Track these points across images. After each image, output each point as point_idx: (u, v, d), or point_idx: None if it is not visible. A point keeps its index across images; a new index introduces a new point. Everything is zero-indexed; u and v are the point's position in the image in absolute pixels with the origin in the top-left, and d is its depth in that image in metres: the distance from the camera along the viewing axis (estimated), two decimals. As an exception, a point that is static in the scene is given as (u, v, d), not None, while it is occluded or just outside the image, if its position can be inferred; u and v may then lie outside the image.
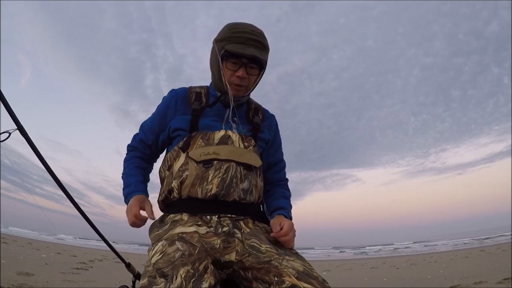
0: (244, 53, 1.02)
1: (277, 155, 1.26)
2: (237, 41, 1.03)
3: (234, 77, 1.06)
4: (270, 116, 1.26)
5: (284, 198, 1.21)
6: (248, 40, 1.03)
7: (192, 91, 1.16)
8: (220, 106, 1.13)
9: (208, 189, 1.01)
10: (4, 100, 1.06)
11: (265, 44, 1.07)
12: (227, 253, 0.94)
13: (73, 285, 3.63)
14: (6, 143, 1.09)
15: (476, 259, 7.00)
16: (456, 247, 16.56)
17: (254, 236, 0.99)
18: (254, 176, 1.10)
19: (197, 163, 1.03)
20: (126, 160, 1.21)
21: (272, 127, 1.24)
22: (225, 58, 1.05)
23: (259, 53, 1.04)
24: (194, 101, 1.13)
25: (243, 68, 1.05)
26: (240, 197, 1.04)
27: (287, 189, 1.27)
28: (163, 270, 0.79)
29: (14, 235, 15.33)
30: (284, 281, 0.85)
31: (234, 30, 1.04)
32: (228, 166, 1.04)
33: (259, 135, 1.17)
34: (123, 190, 1.12)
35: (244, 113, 1.18)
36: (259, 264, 0.91)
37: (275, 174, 1.26)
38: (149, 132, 1.18)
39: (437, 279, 4.40)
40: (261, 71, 1.11)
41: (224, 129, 1.10)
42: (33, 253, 6.75)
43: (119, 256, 1.69)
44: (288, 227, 1.00)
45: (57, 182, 1.28)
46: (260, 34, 1.07)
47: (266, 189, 1.23)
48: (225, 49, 1.03)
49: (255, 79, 1.11)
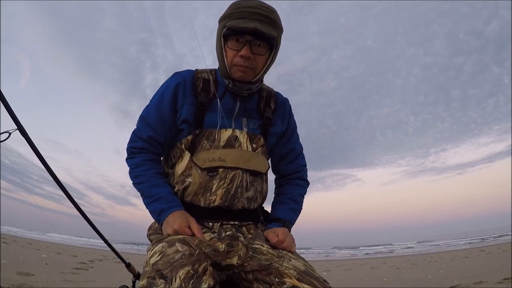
0: (244, 26, 0.89)
1: (289, 144, 1.16)
2: (239, 16, 0.91)
3: (237, 57, 0.94)
4: (283, 102, 1.14)
5: (290, 201, 1.12)
6: (252, 14, 0.90)
7: (199, 77, 1.03)
8: (229, 97, 1.02)
9: (212, 200, 0.98)
10: (4, 100, 1.06)
11: (273, 19, 0.93)
12: (230, 257, 0.92)
13: (73, 285, 3.62)
14: (6, 143, 1.09)
15: (476, 259, 6.99)
16: (456, 247, 16.55)
17: (256, 239, 0.98)
18: (260, 182, 1.07)
19: (202, 170, 0.97)
20: (137, 165, 1.02)
21: (285, 115, 1.14)
22: (227, 36, 0.93)
23: (264, 27, 0.90)
24: (202, 91, 1.01)
25: (247, 46, 0.92)
26: (244, 206, 1.01)
27: (300, 184, 1.17)
28: (163, 271, 0.78)
29: (8, 234, 15.32)
30: (285, 282, 0.84)
31: (237, 6, 0.93)
32: (234, 174, 0.99)
33: (270, 130, 1.07)
34: (151, 203, 0.97)
35: (255, 105, 1.06)
36: (260, 267, 0.90)
37: (288, 165, 1.17)
38: (159, 126, 1.02)
39: (437, 279, 4.40)
40: (272, 51, 0.98)
41: (231, 128, 1.01)
42: (33, 253, 6.74)
43: (119, 256, 1.69)
44: (283, 235, 0.97)
45: (57, 182, 1.28)
46: (268, 9, 0.93)
47: (278, 184, 1.19)
48: (226, 26, 0.92)
49: (264, 61, 0.98)
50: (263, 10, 0.91)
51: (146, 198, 0.99)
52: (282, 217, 1.08)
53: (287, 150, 1.17)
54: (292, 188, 1.16)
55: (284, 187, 1.17)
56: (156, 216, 0.96)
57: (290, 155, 1.17)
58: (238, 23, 0.90)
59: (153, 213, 0.97)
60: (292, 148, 1.17)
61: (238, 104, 1.03)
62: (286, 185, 1.17)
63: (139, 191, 1.01)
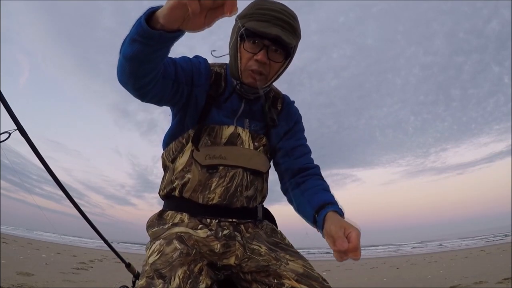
0: (266, 31, 0.84)
1: (295, 139, 1.09)
2: (261, 18, 0.85)
3: (252, 61, 0.89)
4: (288, 105, 1.11)
5: (326, 192, 0.96)
6: (275, 18, 0.85)
7: (212, 70, 0.99)
8: (235, 97, 0.99)
9: (210, 198, 0.95)
10: (4, 100, 1.06)
11: (295, 27, 0.89)
12: (226, 257, 0.91)
13: (73, 285, 3.62)
14: (5, 143, 1.09)
15: (476, 259, 6.99)
16: (456, 247, 16.55)
17: (254, 239, 0.97)
18: (261, 181, 1.05)
19: (201, 167, 0.95)
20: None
21: (290, 116, 1.10)
22: (245, 37, 0.88)
23: (286, 35, 0.85)
24: (213, 84, 0.97)
25: (264, 51, 0.88)
26: (243, 205, 0.99)
27: (323, 180, 1.03)
28: (161, 271, 0.78)
29: (7, 234, 15.33)
30: (284, 284, 0.84)
31: (259, 7, 0.87)
32: (234, 173, 0.96)
33: (273, 131, 1.04)
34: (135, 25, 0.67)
35: (260, 106, 1.02)
36: (258, 268, 0.89)
37: (298, 159, 1.06)
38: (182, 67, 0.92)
39: (437, 279, 4.40)
40: (287, 59, 0.93)
41: (234, 125, 0.98)
42: (33, 253, 6.74)
43: (119, 256, 1.69)
44: (357, 237, 0.71)
45: (57, 182, 1.28)
46: (291, 15, 0.88)
47: (296, 182, 1.02)
48: (245, 27, 0.86)
49: (278, 68, 0.93)
50: (286, 16, 0.87)
51: (128, 37, 0.70)
52: (333, 201, 0.90)
53: (295, 145, 1.08)
54: (319, 181, 1.02)
55: (307, 182, 1.01)
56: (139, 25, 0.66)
57: (299, 149, 1.08)
58: (259, 26, 0.85)
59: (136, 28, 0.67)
60: (301, 144, 1.10)
61: (243, 106, 1.00)
62: (309, 180, 1.02)
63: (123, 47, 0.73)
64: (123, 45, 0.73)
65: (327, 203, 0.87)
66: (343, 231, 0.73)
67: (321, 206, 0.87)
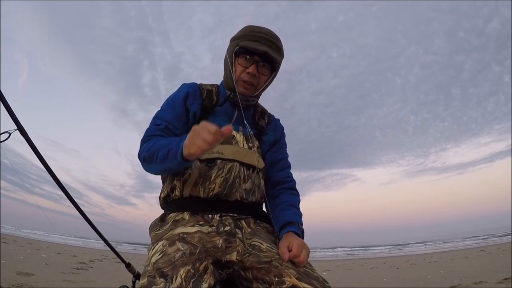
0: (256, 48, 1.03)
1: (280, 152, 1.24)
2: (252, 39, 1.05)
3: (244, 73, 1.07)
4: (275, 120, 1.27)
5: (293, 207, 1.11)
6: (263, 39, 1.05)
7: (203, 88, 1.15)
8: (229, 106, 1.13)
9: (211, 188, 1.01)
10: (4, 101, 1.06)
11: (279, 47, 1.09)
12: (229, 253, 0.94)
13: (73, 285, 3.63)
14: (5, 143, 1.09)
15: (476, 259, 6.99)
16: (456, 247, 16.56)
17: (255, 236, 0.99)
18: (257, 177, 1.09)
19: (200, 161, 1.02)
20: (147, 142, 1.02)
21: (277, 129, 1.25)
22: (238, 54, 1.07)
23: (273, 52, 1.05)
24: (206, 98, 1.13)
25: (254, 65, 1.06)
26: (242, 197, 1.04)
27: (295, 194, 1.19)
28: (163, 270, 0.80)
29: (7, 234, 15.32)
30: (285, 282, 0.85)
31: (250, 30, 1.08)
32: (231, 166, 1.03)
33: (263, 138, 1.18)
34: (169, 153, 0.91)
35: (250, 116, 1.18)
36: (260, 264, 0.91)
37: (279, 172, 1.21)
38: (175, 121, 1.08)
39: (437, 279, 4.40)
40: (272, 73, 1.11)
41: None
42: (33, 253, 6.74)
43: (119, 256, 1.69)
44: (297, 248, 0.90)
45: (57, 182, 1.28)
46: (276, 38, 1.08)
47: (272, 195, 1.17)
48: (239, 45, 1.06)
49: (265, 80, 1.11)
50: (273, 37, 1.07)
51: (159, 154, 0.94)
52: (294, 220, 1.06)
53: (279, 158, 1.23)
54: (289, 196, 1.16)
55: (280, 197, 1.16)
56: (173, 155, 0.89)
57: (281, 163, 1.23)
58: (251, 44, 1.04)
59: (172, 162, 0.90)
60: (283, 158, 1.24)
61: (236, 113, 1.13)
62: (282, 195, 1.16)
63: (151, 158, 0.96)
64: (147, 162, 0.99)
65: (287, 223, 1.04)
66: (287, 245, 0.92)
67: (283, 226, 1.04)
